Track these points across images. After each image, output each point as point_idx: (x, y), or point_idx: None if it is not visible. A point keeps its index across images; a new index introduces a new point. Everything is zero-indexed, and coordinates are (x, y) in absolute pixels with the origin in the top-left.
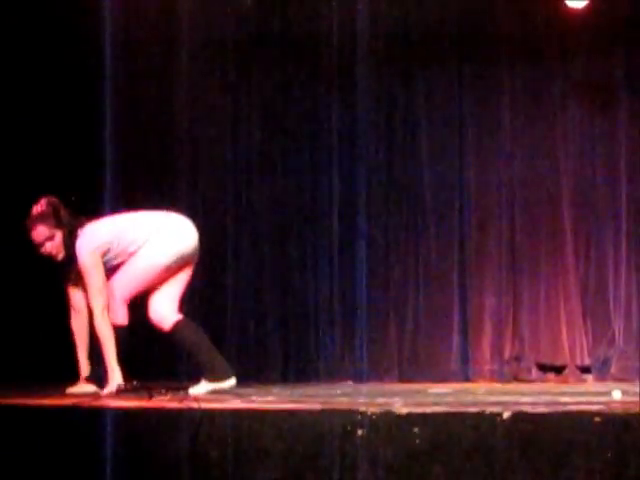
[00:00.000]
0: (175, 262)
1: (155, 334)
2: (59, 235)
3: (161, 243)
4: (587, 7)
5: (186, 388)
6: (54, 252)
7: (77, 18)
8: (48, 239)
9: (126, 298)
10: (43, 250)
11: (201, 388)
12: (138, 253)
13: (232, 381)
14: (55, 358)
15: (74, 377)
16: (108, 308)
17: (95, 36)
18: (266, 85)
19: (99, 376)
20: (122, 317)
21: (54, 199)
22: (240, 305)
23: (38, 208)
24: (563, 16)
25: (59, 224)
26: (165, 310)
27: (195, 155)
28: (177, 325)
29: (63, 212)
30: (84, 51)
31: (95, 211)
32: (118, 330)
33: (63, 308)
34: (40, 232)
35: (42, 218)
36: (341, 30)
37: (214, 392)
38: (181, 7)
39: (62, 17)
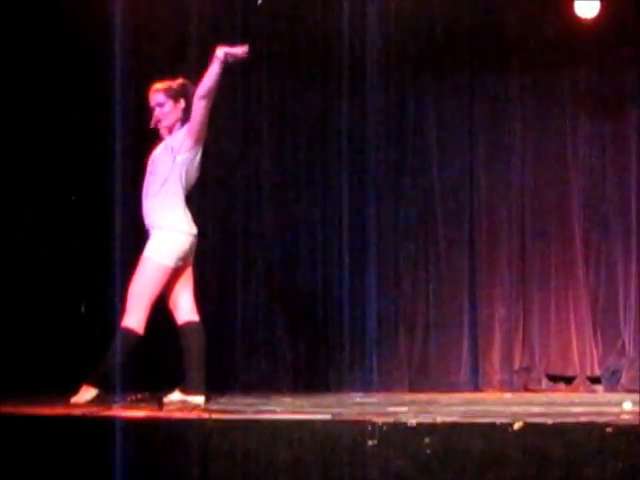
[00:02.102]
0: (177, 264)
1: (165, 346)
2: (169, 105)
3: (168, 246)
4: (597, 17)
5: (161, 396)
6: (161, 118)
7: (86, 25)
8: (159, 105)
9: (148, 304)
10: (154, 115)
11: (173, 397)
12: (146, 257)
13: (201, 398)
14: (54, 366)
15: (74, 385)
16: (132, 313)
17: (104, 44)
18: (276, 93)
19: (102, 379)
20: (141, 325)
21: (188, 84)
22: (250, 316)
23: (171, 81)
24: (573, 26)
25: (176, 97)
26: (183, 306)
27: (204, 162)
28: (187, 325)
29: (188, 97)
30: (93, 58)
31: (106, 218)
32: (132, 337)
33: (60, 315)
34: (156, 97)
35: (166, 88)
36: (351, 39)
37: (183, 403)
38: (190, 11)
39: (71, 27)
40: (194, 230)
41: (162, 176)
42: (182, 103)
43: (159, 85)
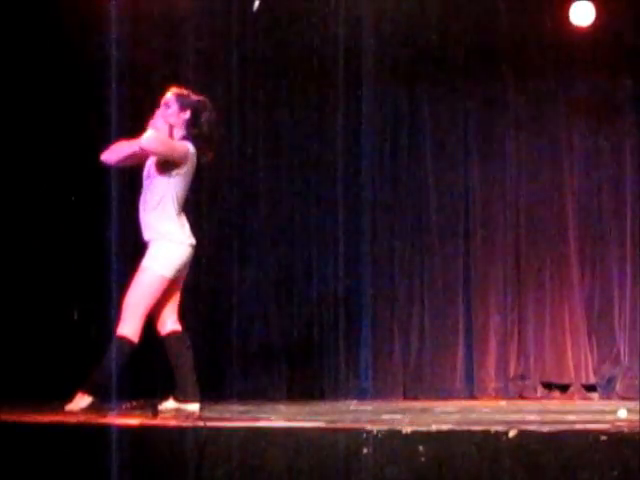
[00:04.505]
0: (175, 275)
1: (159, 353)
2: (174, 109)
3: (166, 257)
4: (592, 26)
5: (155, 404)
6: (162, 117)
7: (82, 26)
8: (166, 104)
9: (144, 314)
10: (156, 111)
11: (168, 405)
12: (145, 267)
13: (196, 406)
14: (48, 373)
15: (68, 392)
16: (128, 322)
17: (103, 49)
18: (272, 100)
19: (97, 386)
20: (136, 334)
21: (205, 103)
22: (245, 323)
23: (191, 92)
24: (568, 34)
25: (184, 106)
26: (167, 316)
27: (200, 170)
28: (172, 335)
29: (197, 114)
30: (93, 60)
31: (102, 215)
32: (127, 346)
33: (54, 322)
34: (166, 97)
35: (179, 93)
36: (347, 46)
37: (178, 411)
38: (187, 17)
39: (70, 32)
40: (192, 241)
41: (159, 193)
42: (187, 114)
43: (175, 88)
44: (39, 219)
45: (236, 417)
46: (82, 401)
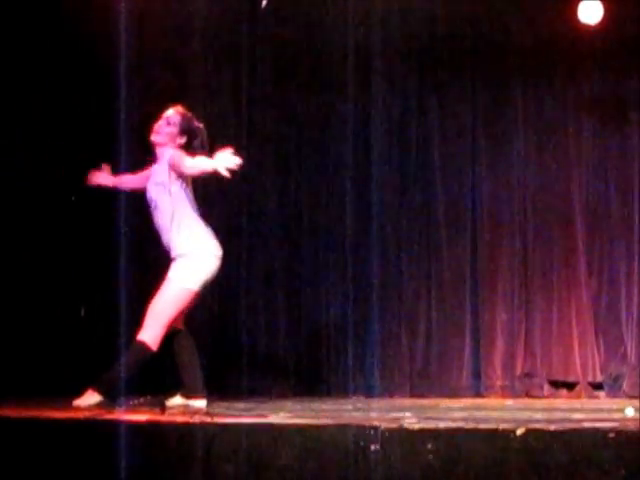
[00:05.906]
0: (202, 288)
1: (167, 350)
2: (174, 129)
3: (194, 270)
4: (600, 25)
5: (163, 400)
6: (159, 132)
7: (89, 20)
8: (167, 121)
9: (166, 323)
10: (155, 125)
11: (175, 401)
12: (172, 279)
13: (203, 402)
14: (56, 369)
15: (77, 389)
16: (149, 329)
17: (109, 51)
18: (279, 101)
19: (108, 387)
20: (156, 342)
21: (203, 135)
22: (252, 320)
23: (195, 119)
24: (576, 34)
25: (183, 130)
26: (177, 317)
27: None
28: (177, 332)
29: (192, 142)
30: (97, 61)
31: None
32: (145, 352)
33: (62, 318)
34: (170, 113)
35: (184, 115)
36: (355, 47)
37: (185, 407)
38: (194, 15)
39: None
40: (219, 253)
41: (168, 212)
42: (183, 139)
43: (182, 109)
44: (46, 217)
45: (243, 413)
46: (91, 398)
